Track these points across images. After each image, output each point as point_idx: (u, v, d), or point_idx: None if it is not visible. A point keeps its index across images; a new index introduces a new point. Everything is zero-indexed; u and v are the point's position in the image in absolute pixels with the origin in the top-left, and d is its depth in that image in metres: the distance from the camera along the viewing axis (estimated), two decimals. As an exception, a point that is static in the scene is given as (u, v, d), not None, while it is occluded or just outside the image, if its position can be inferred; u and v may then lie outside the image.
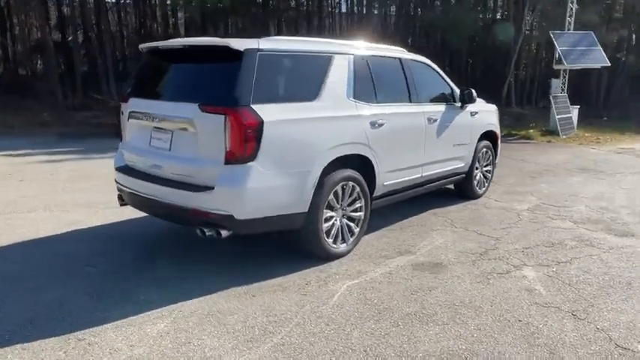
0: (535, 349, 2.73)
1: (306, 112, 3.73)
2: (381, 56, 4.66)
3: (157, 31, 22.91)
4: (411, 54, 5.28)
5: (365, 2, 23.85)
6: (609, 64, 13.97)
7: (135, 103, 4.01)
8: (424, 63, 5.32)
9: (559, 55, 13.71)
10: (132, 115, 4.02)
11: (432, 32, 23.79)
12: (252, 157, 3.35)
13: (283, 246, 4.24)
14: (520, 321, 3.04)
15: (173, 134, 3.66)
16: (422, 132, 4.98)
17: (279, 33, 26.34)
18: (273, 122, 3.42)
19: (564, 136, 13.33)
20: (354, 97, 4.15)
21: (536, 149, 11.44)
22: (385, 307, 3.23)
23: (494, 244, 4.52)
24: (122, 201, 4.27)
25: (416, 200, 5.54)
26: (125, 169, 4.14)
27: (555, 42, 13.82)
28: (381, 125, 4.33)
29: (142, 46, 4.14)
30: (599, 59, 13.77)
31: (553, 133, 13.60)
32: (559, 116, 13.68)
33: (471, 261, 4.08)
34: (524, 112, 19.79)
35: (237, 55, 3.41)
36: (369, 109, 4.26)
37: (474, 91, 5.53)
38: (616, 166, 8.96)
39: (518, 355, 2.67)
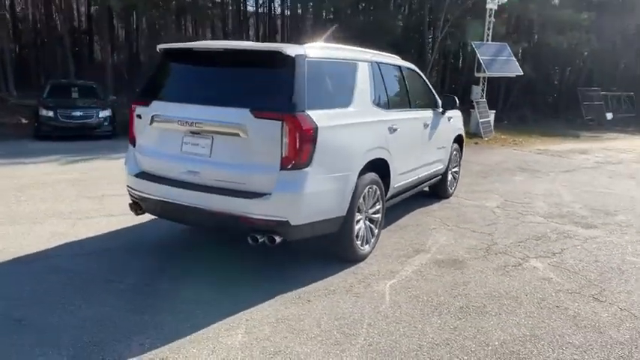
0: (584, 329, 3.12)
1: (345, 118, 3.83)
2: (387, 63, 4.88)
3: (59, 27, 21.05)
4: (404, 61, 5.57)
5: (294, 3, 23.95)
6: (522, 74, 15.55)
7: (159, 107, 3.82)
8: (414, 70, 5.64)
9: (480, 64, 14.99)
10: (155, 119, 3.82)
11: (361, 36, 24.61)
12: (308, 162, 3.39)
13: (300, 251, 4.26)
14: (558, 307, 3.43)
15: (214, 140, 3.56)
16: (420, 136, 5.29)
17: (195, 32, 25.65)
18: (325, 128, 3.49)
19: (486, 138, 14.61)
20: (374, 103, 4.33)
21: (470, 151, 12.39)
22: (437, 303, 3.45)
23: (491, 239, 4.94)
24: (139, 209, 4.04)
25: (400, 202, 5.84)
26: (145, 176, 3.92)
27: (477, 52, 15.08)
28: (395, 130, 4.55)
29: (163, 46, 3.95)
30: (514, 69, 15.29)
31: (476, 135, 14.82)
32: (481, 120, 14.96)
33: (482, 256, 4.45)
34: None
35: (288, 61, 3.42)
36: (385, 115, 4.46)
37: (456, 98, 5.96)
38: (545, 166, 10.06)
39: (574, 335, 3.04)
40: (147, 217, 5.23)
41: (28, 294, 3.40)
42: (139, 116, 3.97)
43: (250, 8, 26.72)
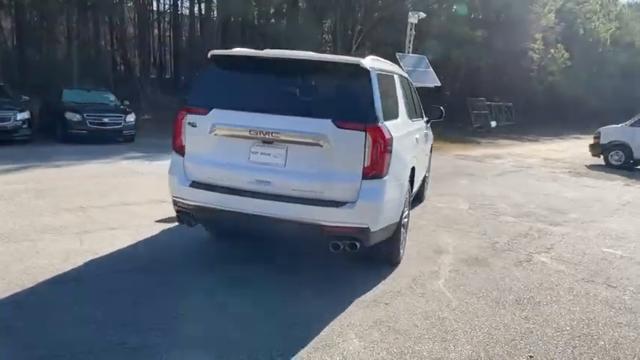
0: (621, 311, 3.72)
1: (401, 128, 4.08)
2: (403, 75, 5.21)
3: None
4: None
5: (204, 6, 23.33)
6: (440, 85, 16.95)
7: (222, 115, 3.71)
8: (409, 80, 6.03)
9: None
10: (218, 127, 3.71)
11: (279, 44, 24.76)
12: (386, 172, 3.56)
13: (333, 259, 4.39)
14: (587, 294, 4.02)
15: (288, 149, 3.57)
16: (423, 144, 5.71)
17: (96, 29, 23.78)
18: (395, 138, 3.70)
19: (411, 144, 15.72)
20: (407, 115, 4.63)
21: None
22: (494, 297, 3.85)
23: (489, 238, 5.51)
24: (192, 220, 3.87)
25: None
26: (202, 185, 3.78)
27: (401, 62, 16.12)
28: (417, 140, 4.89)
29: (219, 52, 3.84)
30: (432, 79, 16.61)
31: None
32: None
33: (494, 254, 4.97)
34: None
35: (364, 73, 3.57)
36: (412, 125, 4.79)
37: (442, 108, 6.48)
38: (477, 170, 11.17)
39: (618, 316, 3.60)
40: (155, 229, 5.02)
41: (116, 316, 3.13)
42: (193, 124, 3.81)
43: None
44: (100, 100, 12.81)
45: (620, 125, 13.08)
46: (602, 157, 13.06)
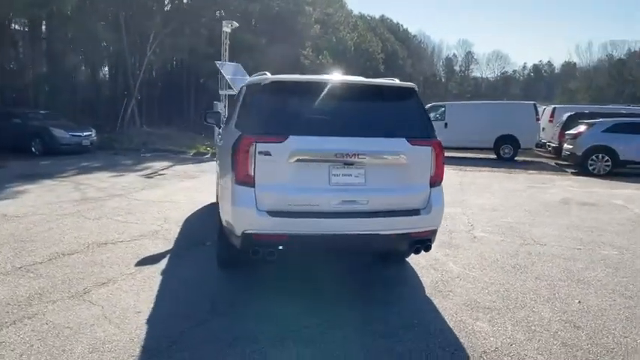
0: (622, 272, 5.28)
1: None
2: None
3: None
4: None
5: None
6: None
7: (301, 142, 3.75)
8: None
9: (226, 82, 16.25)
10: (299, 154, 3.74)
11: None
12: (442, 179, 4.23)
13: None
14: (603, 260, 5.42)
15: (367, 168, 3.88)
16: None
17: None
18: None
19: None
20: None
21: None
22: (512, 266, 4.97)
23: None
24: (275, 252, 3.78)
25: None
26: (283, 214, 3.75)
27: (222, 70, 16.28)
28: None
29: (281, 78, 3.85)
30: (253, 86, 17.20)
31: None
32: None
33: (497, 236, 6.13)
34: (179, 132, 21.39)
35: (414, 94, 4.15)
36: None
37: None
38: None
39: (629, 278, 5.02)
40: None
41: None
42: (266, 153, 3.71)
43: None
44: None
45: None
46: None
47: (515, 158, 16.67)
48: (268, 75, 4.23)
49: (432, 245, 4.19)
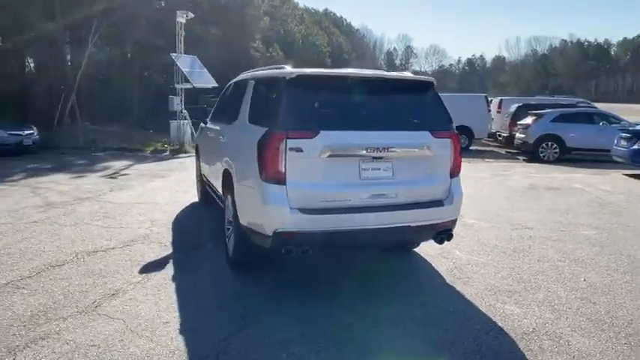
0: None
1: None
2: None
3: None
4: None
5: None
6: (217, 85, 17.12)
7: (332, 137, 3.67)
8: None
9: (183, 75, 15.63)
10: (330, 149, 3.67)
11: None
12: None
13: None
14: (587, 240, 5.73)
15: (394, 161, 3.88)
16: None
17: None
18: None
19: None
20: None
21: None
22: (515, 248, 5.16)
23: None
24: (309, 250, 3.69)
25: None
26: (316, 211, 3.67)
27: (177, 63, 15.64)
28: None
29: (304, 73, 3.73)
30: (210, 79, 16.67)
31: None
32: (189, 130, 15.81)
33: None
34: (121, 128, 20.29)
35: (433, 87, 4.18)
36: None
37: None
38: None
39: (616, 256, 5.36)
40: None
41: None
42: (297, 149, 3.61)
43: None
44: None
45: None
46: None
47: (470, 148, 17.36)
48: (288, 68, 4.11)
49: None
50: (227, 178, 4.68)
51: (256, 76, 4.75)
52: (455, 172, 4.20)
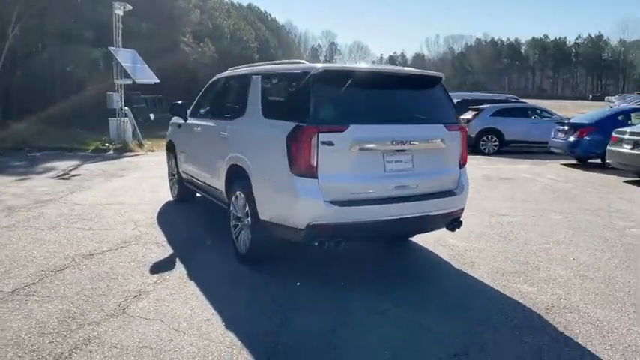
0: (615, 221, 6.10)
1: None
2: None
3: None
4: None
5: None
6: (159, 81, 16.45)
7: (361, 131, 3.80)
8: None
9: (124, 71, 14.86)
10: (359, 143, 3.80)
11: None
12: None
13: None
14: (558, 224, 6.23)
15: (414, 154, 4.08)
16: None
17: None
18: None
19: (137, 142, 14.95)
20: None
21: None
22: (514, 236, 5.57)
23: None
24: (341, 242, 3.80)
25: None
26: (346, 204, 3.80)
27: (117, 57, 14.83)
28: None
29: (330, 67, 3.83)
30: (151, 75, 16.00)
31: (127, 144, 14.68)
32: (133, 127, 15.12)
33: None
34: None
35: (439, 81, 4.43)
36: None
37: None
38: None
39: (589, 237, 5.92)
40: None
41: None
42: (329, 143, 3.70)
43: None
44: None
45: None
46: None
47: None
48: (307, 63, 4.16)
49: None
50: (235, 174, 4.63)
51: (263, 71, 4.73)
52: (462, 163, 4.49)
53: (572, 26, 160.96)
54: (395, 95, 4.25)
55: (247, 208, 4.36)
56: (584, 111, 21.36)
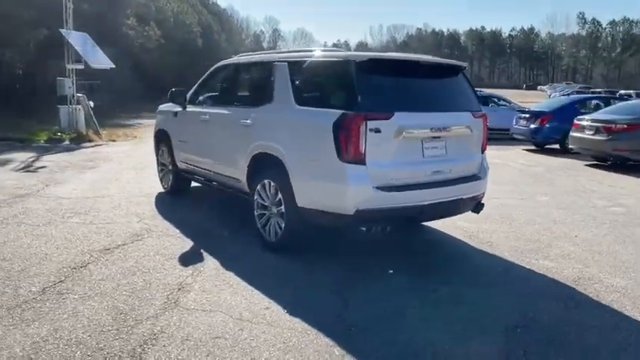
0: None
1: None
2: None
3: None
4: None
5: None
6: (115, 66, 15.61)
7: (405, 118, 3.90)
8: None
9: (73, 54, 13.98)
10: (405, 130, 3.91)
11: None
12: (485, 147, 4.83)
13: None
14: (548, 205, 6.59)
15: (447, 140, 4.24)
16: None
17: None
18: None
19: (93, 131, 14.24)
20: None
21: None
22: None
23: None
24: (387, 227, 3.90)
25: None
26: (392, 189, 3.91)
27: (69, 40, 13.93)
28: None
29: (376, 56, 3.88)
30: (106, 60, 15.15)
31: (81, 132, 13.90)
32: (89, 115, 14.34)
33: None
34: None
35: (463, 70, 4.60)
36: None
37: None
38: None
39: (581, 215, 6.32)
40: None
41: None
42: (377, 130, 3.76)
43: None
44: None
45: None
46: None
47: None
48: (344, 51, 4.17)
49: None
50: (262, 163, 4.58)
51: (290, 58, 4.66)
52: (484, 149, 4.71)
53: (507, 18, 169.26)
54: (429, 83, 4.39)
55: (280, 196, 4.34)
56: (524, 100, 22.71)
